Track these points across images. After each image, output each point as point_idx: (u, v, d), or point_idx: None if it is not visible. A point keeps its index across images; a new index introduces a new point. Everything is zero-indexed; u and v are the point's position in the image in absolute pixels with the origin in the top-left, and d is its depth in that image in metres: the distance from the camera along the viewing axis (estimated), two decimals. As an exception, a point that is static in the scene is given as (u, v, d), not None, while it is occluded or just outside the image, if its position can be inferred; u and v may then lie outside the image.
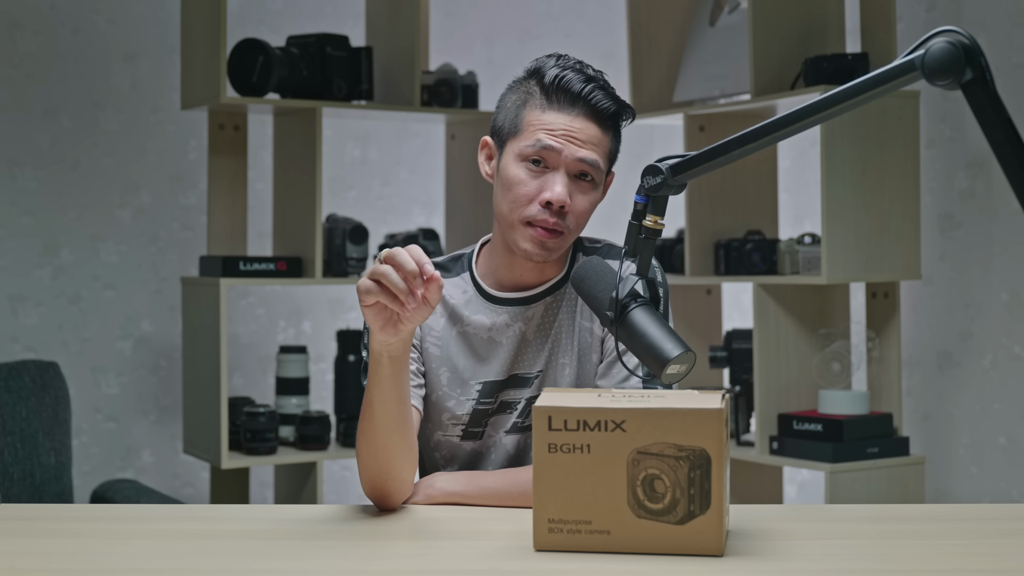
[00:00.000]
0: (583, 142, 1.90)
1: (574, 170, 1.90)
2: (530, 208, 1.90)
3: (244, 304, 4.07)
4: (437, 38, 4.13)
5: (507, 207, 1.92)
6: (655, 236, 1.69)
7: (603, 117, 1.92)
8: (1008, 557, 1.54)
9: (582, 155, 1.90)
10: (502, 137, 1.96)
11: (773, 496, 3.74)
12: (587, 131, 1.90)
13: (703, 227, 3.66)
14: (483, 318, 1.99)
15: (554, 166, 1.90)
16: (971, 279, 3.77)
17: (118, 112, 3.90)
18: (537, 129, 1.90)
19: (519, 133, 1.92)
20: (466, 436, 1.99)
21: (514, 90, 1.97)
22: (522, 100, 1.94)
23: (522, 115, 1.93)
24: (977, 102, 1.48)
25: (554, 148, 1.89)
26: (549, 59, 1.95)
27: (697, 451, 1.49)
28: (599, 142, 1.92)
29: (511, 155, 1.93)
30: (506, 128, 1.95)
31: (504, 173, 1.93)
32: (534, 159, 1.90)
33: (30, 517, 1.87)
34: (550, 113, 1.91)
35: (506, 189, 1.92)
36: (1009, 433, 3.67)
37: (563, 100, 1.91)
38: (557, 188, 1.89)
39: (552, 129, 1.90)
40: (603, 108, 1.91)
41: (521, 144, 1.91)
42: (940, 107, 3.84)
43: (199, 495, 3.97)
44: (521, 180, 1.90)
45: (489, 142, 2.00)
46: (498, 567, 1.49)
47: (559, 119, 1.90)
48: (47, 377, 3.20)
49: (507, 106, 1.96)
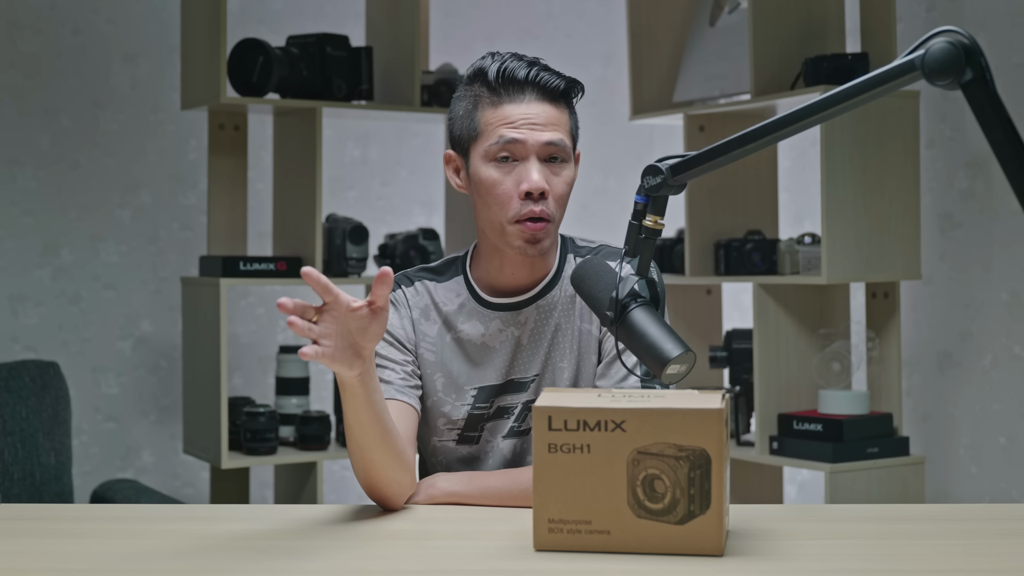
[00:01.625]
0: (543, 125, 1.90)
1: (543, 155, 1.90)
2: (513, 206, 1.89)
3: (244, 304, 4.08)
4: (437, 38, 4.13)
5: (491, 211, 1.91)
6: (655, 236, 1.69)
7: (555, 95, 1.92)
8: (1008, 557, 1.54)
9: (547, 138, 1.90)
10: (464, 145, 1.95)
11: (773, 496, 3.74)
12: (544, 113, 1.90)
13: (703, 227, 3.66)
14: (476, 325, 1.98)
15: (523, 156, 1.90)
16: (971, 279, 3.77)
17: (118, 112, 3.90)
18: (496, 126, 1.90)
19: (479, 136, 1.92)
20: (462, 441, 1.99)
21: (461, 98, 1.96)
22: (472, 104, 1.94)
23: (476, 117, 1.92)
24: (977, 102, 1.48)
25: (518, 139, 1.89)
26: (485, 59, 1.95)
27: (697, 451, 1.49)
28: (558, 120, 1.92)
29: (478, 159, 1.92)
30: (465, 135, 1.95)
31: (476, 178, 1.92)
32: (502, 155, 1.90)
33: (30, 517, 1.87)
34: (504, 107, 1.90)
35: (484, 194, 1.91)
36: (1009, 433, 3.67)
37: (512, 90, 1.91)
38: (533, 176, 1.88)
39: (511, 121, 1.90)
40: (553, 86, 1.91)
41: (485, 145, 1.91)
42: (940, 107, 3.84)
43: (199, 495, 3.97)
44: (495, 180, 1.90)
45: (453, 155, 1.99)
46: (498, 567, 1.49)
47: (514, 109, 1.90)
48: (47, 377, 3.20)
49: (459, 115, 1.96)
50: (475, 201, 1.95)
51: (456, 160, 1.99)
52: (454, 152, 1.99)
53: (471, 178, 1.94)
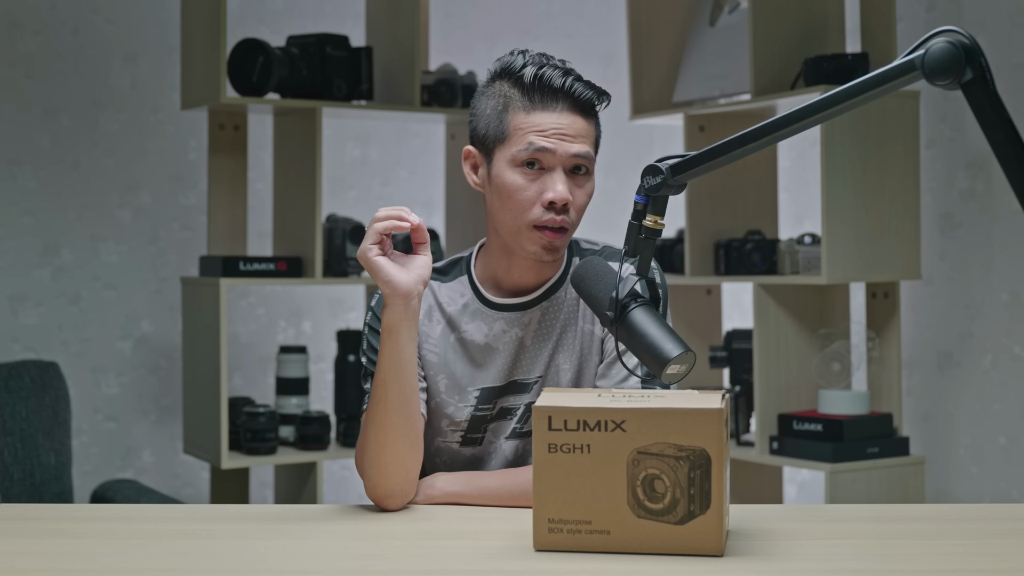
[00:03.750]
0: (573, 137, 1.89)
1: (569, 165, 1.90)
2: (534, 211, 1.89)
3: (244, 304, 4.08)
4: (437, 38, 4.13)
5: (510, 215, 1.90)
6: (655, 236, 1.69)
7: (586, 108, 1.91)
8: (1008, 557, 1.54)
9: (576, 150, 1.89)
10: (488, 145, 1.93)
11: (773, 496, 3.74)
12: (575, 125, 1.89)
13: (703, 227, 3.66)
14: (480, 325, 1.98)
15: (550, 166, 1.89)
16: (971, 279, 3.77)
17: (118, 112, 3.90)
18: (526, 132, 1.88)
19: (507, 139, 1.90)
20: (465, 442, 1.99)
21: (488, 95, 1.94)
22: (502, 105, 1.91)
23: (506, 120, 1.90)
24: (977, 102, 1.48)
25: (548, 149, 1.88)
26: (516, 57, 1.92)
27: (697, 451, 1.49)
28: (587, 133, 1.91)
29: (503, 162, 1.90)
30: (491, 136, 1.92)
31: (499, 181, 1.91)
32: (529, 162, 1.89)
33: (30, 517, 1.87)
34: (536, 114, 1.89)
35: (505, 197, 1.90)
36: (1009, 433, 3.67)
37: (546, 98, 1.89)
38: (559, 187, 1.87)
39: (542, 130, 1.88)
40: (586, 99, 1.90)
41: (512, 150, 1.89)
42: (940, 107, 3.84)
43: (199, 495, 3.97)
44: (520, 186, 1.89)
45: (473, 152, 1.97)
46: (498, 567, 1.49)
47: (546, 118, 1.88)
48: (47, 377, 3.20)
49: (486, 112, 1.93)
50: (492, 201, 1.93)
51: (476, 157, 1.97)
52: (475, 149, 1.96)
53: (492, 179, 1.93)
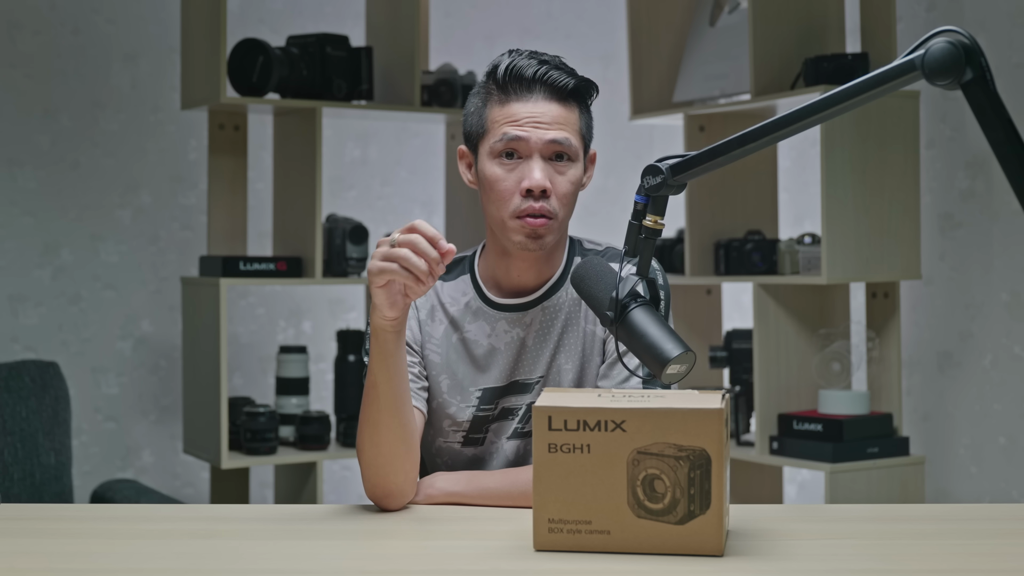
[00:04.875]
0: (548, 124, 1.90)
1: (547, 153, 1.91)
2: (514, 201, 1.90)
3: (244, 304, 4.08)
4: (437, 38, 4.13)
5: (494, 207, 1.92)
6: (655, 236, 1.69)
7: (563, 94, 1.92)
8: (1008, 557, 1.54)
9: (551, 136, 1.90)
10: (474, 142, 1.97)
11: (773, 496, 3.74)
12: (550, 112, 1.91)
13: (703, 227, 3.66)
14: (482, 325, 1.98)
15: (526, 154, 1.91)
16: (971, 279, 3.77)
17: (118, 112, 3.90)
18: (502, 124, 1.91)
19: (486, 133, 1.94)
20: (467, 443, 1.99)
21: (475, 95, 1.98)
22: (483, 101, 1.95)
23: (485, 114, 1.94)
24: (977, 102, 1.48)
25: (521, 137, 1.90)
26: (502, 57, 1.96)
27: (697, 451, 1.49)
28: (566, 120, 1.92)
29: (484, 156, 1.94)
30: (475, 132, 1.97)
31: (482, 175, 1.94)
32: (506, 152, 1.91)
33: (30, 517, 1.87)
34: (510, 105, 1.92)
35: (488, 190, 1.93)
36: (1009, 433, 3.67)
37: (520, 88, 1.91)
38: (535, 174, 1.89)
39: (516, 119, 1.90)
40: (561, 85, 1.91)
41: (490, 142, 1.92)
42: (940, 107, 3.84)
43: (199, 495, 3.97)
44: (499, 177, 1.91)
45: (465, 151, 2.01)
46: (498, 567, 1.49)
47: (520, 108, 1.91)
48: (47, 377, 3.20)
49: (471, 111, 1.98)
50: (482, 197, 1.97)
51: (468, 156, 2.00)
52: (466, 148, 2.00)
53: (479, 174, 1.96)
